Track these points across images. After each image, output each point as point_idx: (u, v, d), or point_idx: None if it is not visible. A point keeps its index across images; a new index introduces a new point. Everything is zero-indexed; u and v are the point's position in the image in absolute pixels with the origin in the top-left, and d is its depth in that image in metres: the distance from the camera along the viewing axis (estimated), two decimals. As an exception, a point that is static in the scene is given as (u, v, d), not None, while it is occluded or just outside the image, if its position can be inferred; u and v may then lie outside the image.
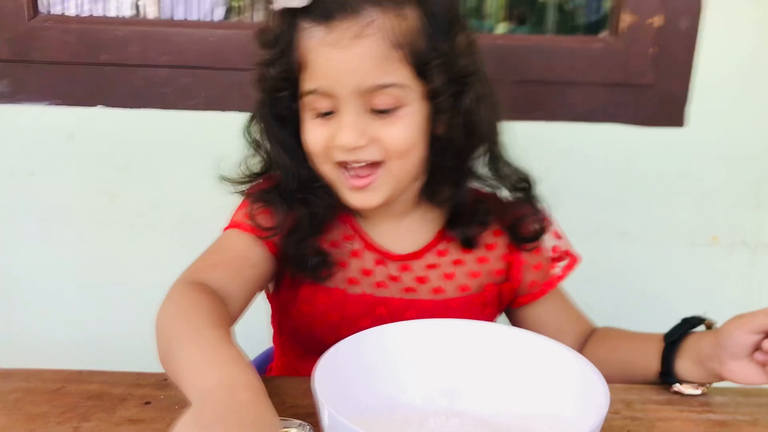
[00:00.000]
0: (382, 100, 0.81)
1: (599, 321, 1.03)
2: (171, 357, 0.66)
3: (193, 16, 3.42)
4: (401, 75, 0.81)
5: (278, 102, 0.86)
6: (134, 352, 1.45)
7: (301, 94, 0.84)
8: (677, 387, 0.86)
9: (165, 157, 1.45)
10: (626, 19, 1.34)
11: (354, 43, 0.78)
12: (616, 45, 1.36)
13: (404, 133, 0.83)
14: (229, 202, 1.43)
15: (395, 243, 0.94)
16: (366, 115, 0.82)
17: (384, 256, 0.93)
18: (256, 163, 0.94)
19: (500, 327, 0.75)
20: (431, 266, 0.93)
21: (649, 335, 0.91)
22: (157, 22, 1.52)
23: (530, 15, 2.61)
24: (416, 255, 0.94)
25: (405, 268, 0.93)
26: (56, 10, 1.50)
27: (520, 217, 0.96)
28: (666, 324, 0.91)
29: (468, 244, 0.94)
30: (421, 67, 0.81)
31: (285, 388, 0.82)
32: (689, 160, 1.42)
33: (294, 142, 0.88)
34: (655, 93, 1.37)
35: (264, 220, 0.89)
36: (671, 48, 1.35)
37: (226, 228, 0.92)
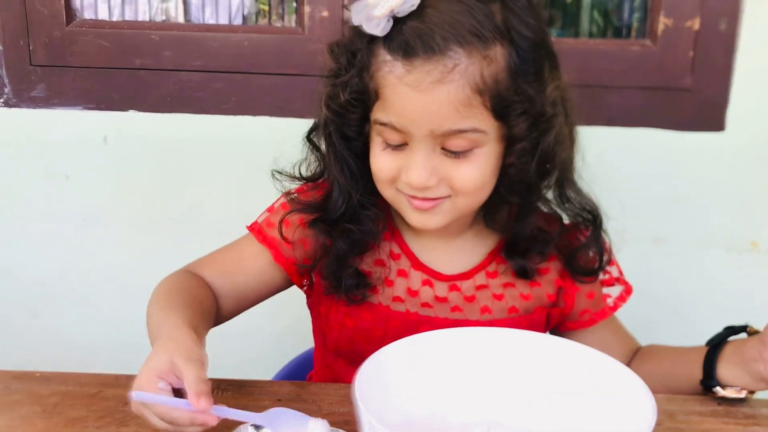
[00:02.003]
0: (456, 143, 0.77)
1: (633, 327, 1.01)
2: (148, 318, 0.82)
3: (221, 20, 3.45)
4: (480, 120, 0.76)
5: (347, 123, 0.83)
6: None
7: (372, 120, 0.81)
8: (719, 391, 0.83)
9: (198, 160, 1.45)
10: (663, 22, 1.32)
11: (435, 87, 0.74)
12: (653, 48, 1.34)
13: (476, 174, 0.79)
14: (261, 203, 1.44)
15: (445, 263, 0.91)
16: (438, 154, 0.78)
17: (432, 277, 0.90)
18: (309, 169, 0.92)
19: (545, 337, 0.74)
20: (481, 287, 0.91)
21: (692, 347, 0.90)
22: (191, 27, 1.53)
23: (559, 17, 2.59)
24: (465, 275, 0.91)
25: (453, 288, 0.90)
26: (88, 14, 1.52)
27: (578, 247, 0.92)
28: (702, 331, 0.90)
29: (524, 276, 0.91)
30: (501, 110, 0.77)
31: (322, 395, 0.81)
32: (728, 165, 1.39)
33: (356, 161, 0.85)
34: (693, 97, 1.35)
35: (293, 235, 0.90)
36: (709, 51, 1.33)
37: (249, 226, 0.93)
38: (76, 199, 1.47)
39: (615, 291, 0.97)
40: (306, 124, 1.37)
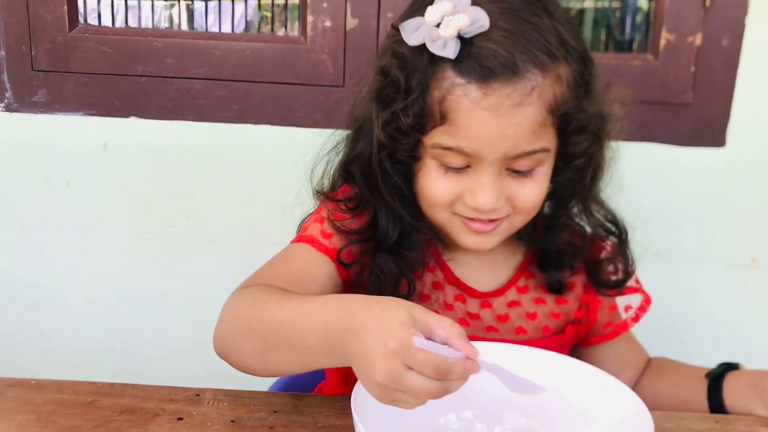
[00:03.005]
0: (524, 164, 0.76)
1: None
2: (264, 319, 0.70)
3: (224, 27, 3.46)
4: (548, 139, 0.76)
5: (401, 147, 0.79)
6: (168, 363, 1.47)
7: (430, 144, 0.78)
8: None
9: (198, 168, 1.45)
10: (665, 37, 1.32)
11: (515, 111, 0.72)
12: (654, 63, 1.34)
13: (537, 193, 0.79)
14: (262, 214, 1.44)
15: (477, 277, 0.90)
16: (503, 175, 0.77)
17: (465, 292, 0.89)
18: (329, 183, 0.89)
19: (543, 353, 0.73)
20: (512, 304, 0.90)
21: (698, 371, 0.91)
22: (194, 35, 1.53)
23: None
24: (497, 292, 0.90)
25: (485, 305, 0.89)
26: (91, 20, 1.52)
27: (602, 260, 0.92)
28: (701, 347, 0.90)
29: (555, 290, 0.90)
30: (564, 127, 0.77)
31: (319, 407, 0.81)
32: (728, 181, 1.39)
33: (408, 185, 0.82)
34: (694, 112, 1.35)
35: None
36: (711, 67, 1.33)
37: (295, 241, 0.87)
38: (76, 205, 1.47)
39: (634, 302, 0.96)
40: (307, 133, 1.39)
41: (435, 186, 0.79)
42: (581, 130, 0.77)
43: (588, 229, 0.91)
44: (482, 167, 0.76)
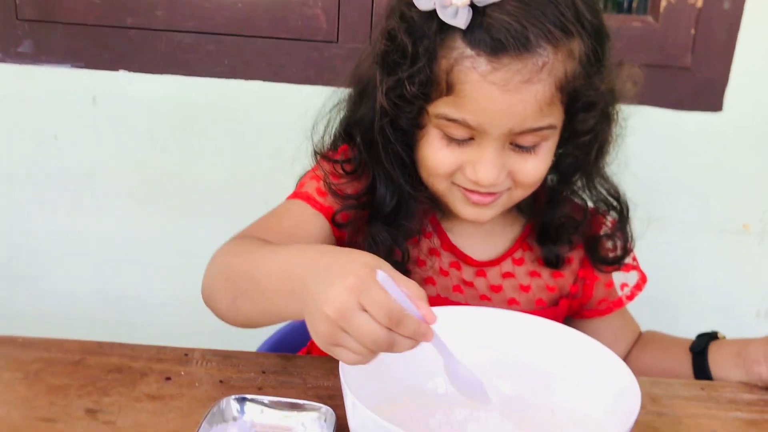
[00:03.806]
0: (529, 140, 0.75)
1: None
2: (245, 270, 0.68)
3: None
4: (556, 116, 0.74)
5: (404, 115, 0.77)
6: (157, 322, 1.47)
7: (434, 114, 0.75)
8: None
9: (189, 124, 1.43)
10: (667, -2, 1.30)
11: (523, 87, 0.70)
12: (654, 25, 1.32)
13: (540, 168, 0.77)
14: (254, 172, 1.42)
15: (474, 246, 0.89)
16: (506, 150, 0.76)
17: (460, 260, 0.89)
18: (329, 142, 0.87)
19: (534, 318, 0.73)
20: (506, 275, 0.90)
21: (684, 344, 0.92)
22: (184, -14, 1.49)
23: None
24: (493, 262, 0.89)
25: (480, 274, 0.89)
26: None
27: (603, 235, 0.91)
28: (691, 313, 0.90)
29: (552, 264, 0.90)
30: (572, 104, 0.75)
31: (307, 369, 0.81)
32: (723, 146, 1.38)
33: (409, 153, 0.81)
34: (692, 76, 1.33)
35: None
36: (711, 30, 1.31)
37: (291, 197, 0.86)
38: (65, 160, 1.45)
39: (630, 279, 0.96)
40: (299, 90, 1.37)
41: (436, 156, 0.78)
42: (590, 107, 0.76)
43: (590, 204, 0.90)
44: (486, 141, 0.74)
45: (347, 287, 0.54)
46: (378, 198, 0.83)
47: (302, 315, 0.59)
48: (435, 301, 0.86)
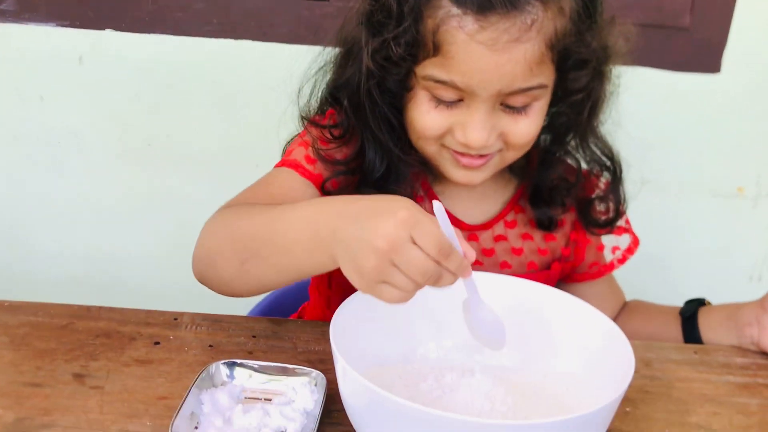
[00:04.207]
0: (519, 100, 0.73)
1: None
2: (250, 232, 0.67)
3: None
4: (546, 75, 0.72)
5: (391, 77, 0.76)
6: (145, 285, 1.46)
7: (422, 76, 0.74)
8: None
9: (178, 84, 1.41)
10: (665, -45, 1.27)
11: (512, 47, 0.68)
12: (652, -17, 1.29)
13: (531, 129, 0.76)
14: (244, 133, 1.40)
15: (466, 210, 0.87)
16: (497, 111, 0.74)
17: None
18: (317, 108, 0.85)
19: (526, 282, 0.72)
20: (499, 238, 0.88)
21: (671, 311, 0.91)
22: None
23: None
24: (485, 225, 0.88)
25: (473, 238, 0.88)
26: None
27: (593, 198, 0.90)
28: (683, 276, 0.89)
29: (545, 227, 0.88)
30: (564, 62, 0.73)
31: (298, 333, 0.80)
32: (720, 108, 1.37)
33: (397, 116, 0.79)
34: (690, 37, 1.31)
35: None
36: (711, -11, 1.28)
37: (279, 165, 0.84)
38: (51, 121, 1.43)
39: (622, 243, 0.95)
40: (289, 50, 1.34)
41: (425, 119, 0.76)
42: (582, 65, 0.74)
43: (583, 165, 0.89)
44: (475, 102, 0.73)
45: (399, 220, 0.54)
46: (367, 163, 0.81)
47: (324, 266, 0.60)
48: None
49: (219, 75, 1.39)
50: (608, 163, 0.87)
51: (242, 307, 1.02)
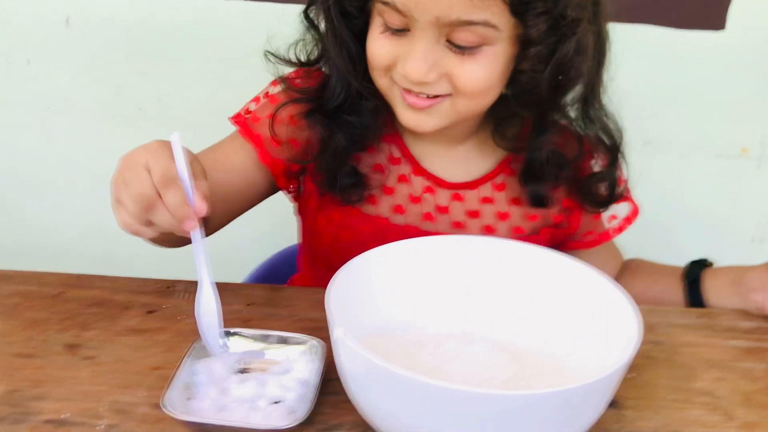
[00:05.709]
0: (464, 37, 0.69)
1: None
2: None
3: None
4: (494, 13, 0.67)
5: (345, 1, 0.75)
6: (138, 252, 1.44)
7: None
8: None
9: (168, 46, 1.37)
10: None
11: None
12: (657, -63, 1.25)
13: (481, 75, 0.72)
14: (237, 94, 1.37)
15: (448, 170, 0.85)
16: (441, 47, 0.70)
17: (435, 183, 0.85)
18: (305, 50, 0.83)
19: (529, 247, 0.70)
20: (485, 200, 0.85)
21: (673, 271, 0.90)
22: None
23: None
24: (471, 185, 0.85)
25: (456, 198, 0.85)
26: None
27: (593, 175, 0.85)
28: (685, 238, 0.87)
29: (538, 203, 0.85)
30: (519, 6, 0.68)
31: (294, 300, 0.78)
32: (723, 67, 1.34)
33: (356, 43, 0.77)
34: (695, -8, 1.28)
35: (292, 132, 0.82)
36: (717, -58, 1.24)
37: (232, 117, 0.87)
38: (39, 85, 1.40)
39: (620, 211, 0.91)
40: (283, 9, 1.30)
41: (373, 45, 0.74)
42: (540, 14, 0.68)
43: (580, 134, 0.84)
44: (417, 32, 0.70)
45: (145, 147, 0.61)
46: (327, 91, 0.80)
47: None
48: (405, 229, 0.84)
49: (210, 36, 1.36)
50: (611, 140, 0.83)
51: (238, 273, 1.01)
